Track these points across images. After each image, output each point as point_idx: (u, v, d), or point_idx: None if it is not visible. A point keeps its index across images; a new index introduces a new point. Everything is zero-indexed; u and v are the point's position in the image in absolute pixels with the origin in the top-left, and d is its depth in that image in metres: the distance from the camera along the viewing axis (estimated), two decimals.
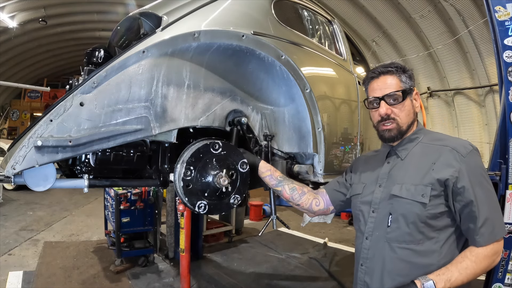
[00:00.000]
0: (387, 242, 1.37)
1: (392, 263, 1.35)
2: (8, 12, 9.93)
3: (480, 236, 1.27)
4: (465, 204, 1.28)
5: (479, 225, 1.26)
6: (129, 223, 4.82)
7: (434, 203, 1.31)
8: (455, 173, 1.29)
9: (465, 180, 1.28)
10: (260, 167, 1.75)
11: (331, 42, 2.76)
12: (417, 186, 1.33)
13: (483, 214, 1.27)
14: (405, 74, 1.46)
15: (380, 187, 1.44)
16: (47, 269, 4.74)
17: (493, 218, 1.29)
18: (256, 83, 1.92)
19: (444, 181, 1.30)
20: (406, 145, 1.46)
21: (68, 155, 1.35)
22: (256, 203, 8.38)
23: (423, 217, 1.31)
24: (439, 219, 1.32)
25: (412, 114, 1.46)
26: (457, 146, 1.35)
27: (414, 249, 1.32)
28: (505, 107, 2.78)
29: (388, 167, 1.47)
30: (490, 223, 1.27)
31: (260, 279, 4.85)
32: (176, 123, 1.60)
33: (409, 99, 1.45)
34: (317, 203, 1.72)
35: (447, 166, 1.32)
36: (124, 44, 2.05)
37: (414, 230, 1.32)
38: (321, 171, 2.18)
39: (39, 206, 8.41)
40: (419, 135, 1.47)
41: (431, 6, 7.33)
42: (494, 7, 2.81)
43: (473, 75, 7.65)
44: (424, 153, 1.40)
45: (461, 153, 1.32)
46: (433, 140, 1.43)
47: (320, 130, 2.10)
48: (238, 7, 1.86)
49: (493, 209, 1.31)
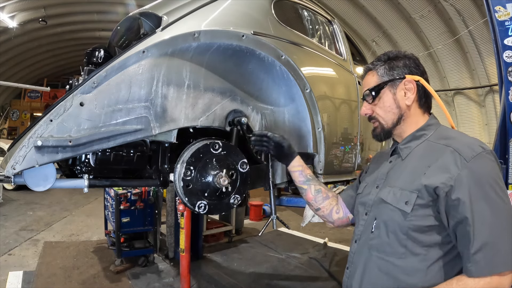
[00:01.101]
0: (368, 249, 1.23)
1: (371, 272, 1.20)
2: (8, 12, 9.93)
3: (473, 264, 1.00)
4: (459, 220, 1.04)
5: (473, 250, 1.00)
6: (129, 223, 4.82)
7: (419, 213, 1.10)
8: (449, 181, 1.05)
9: (463, 190, 1.03)
10: (294, 160, 1.60)
11: (331, 42, 2.76)
12: (404, 191, 1.15)
13: (481, 236, 1.00)
14: (386, 66, 1.29)
15: (376, 188, 1.29)
16: (47, 269, 4.74)
17: (497, 244, 1.00)
18: (256, 83, 1.92)
19: (434, 189, 1.08)
20: (410, 143, 1.26)
21: (68, 155, 1.35)
22: (256, 203, 8.38)
23: (405, 228, 1.12)
24: (427, 234, 1.10)
25: (395, 109, 1.27)
26: (461, 147, 1.10)
27: (394, 263, 1.14)
28: (505, 107, 2.78)
29: (388, 166, 1.31)
30: (489, 249, 0.99)
31: (260, 279, 4.85)
32: (176, 123, 1.60)
33: (389, 92, 1.27)
34: (337, 210, 1.55)
35: (442, 171, 1.08)
36: (124, 44, 2.05)
37: (394, 241, 1.14)
38: (321, 171, 2.18)
39: (39, 206, 8.41)
40: (428, 131, 1.24)
41: (431, 6, 7.33)
42: (494, 7, 2.81)
43: (473, 75, 7.66)
44: (425, 154, 1.19)
45: (464, 156, 1.07)
46: (440, 138, 1.19)
47: (320, 130, 2.10)
48: (238, 7, 1.86)
49: (499, 233, 1.01)
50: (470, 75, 7.73)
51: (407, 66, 1.28)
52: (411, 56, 1.31)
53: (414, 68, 1.28)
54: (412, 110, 1.27)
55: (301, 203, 8.39)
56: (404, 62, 1.29)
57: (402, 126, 1.28)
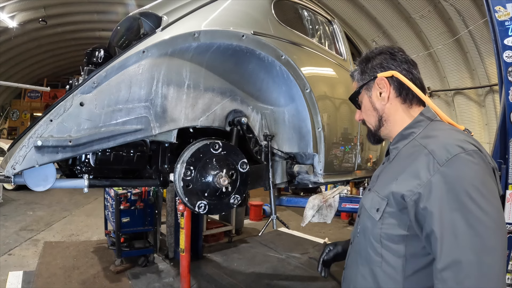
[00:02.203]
0: (355, 253, 1.19)
1: (357, 277, 1.15)
2: (8, 12, 9.93)
3: (440, 282, 0.88)
4: (428, 233, 0.92)
5: (439, 266, 0.88)
6: (129, 223, 4.82)
7: (388, 221, 1.02)
8: (417, 188, 0.94)
9: (432, 199, 0.91)
10: None
11: (331, 42, 2.76)
12: (377, 197, 1.08)
13: (450, 252, 0.87)
14: (359, 70, 1.24)
15: (369, 191, 1.22)
16: (47, 269, 4.74)
17: (471, 262, 0.84)
18: (256, 83, 1.92)
19: (401, 196, 0.98)
20: (397, 143, 1.15)
21: (68, 155, 1.35)
22: (256, 203, 8.38)
23: (377, 236, 1.05)
24: (399, 244, 1.00)
25: (373, 111, 1.21)
26: (436, 148, 0.96)
27: (373, 271, 1.07)
28: (505, 107, 2.78)
29: (380, 168, 1.24)
30: (461, 268, 0.85)
31: (260, 279, 4.85)
32: (176, 123, 1.60)
33: (366, 95, 1.22)
34: None
35: (412, 176, 0.97)
36: (124, 44, 2.05)
37: (370, 248, 1.07)
38: (321, 171, 2.18)
39: (39, 206, 8.40)
40: (416, 129, 1.11)
41: (431, 6, 7.33)
42: (494, 7, 2.81)
43: (473, 75, 7.65)
44: (406, 155, 1.07)
45: (437, 159, 0.93)
46: (424, 137, 1.07)
47: (320, 130, 2.10)
48: (238, 7, 1.86)
49: (475, 249, 0.85)
50: (470, 75, 7.73)
51: (379, 64, 1.19)
52: (386, 51, 1.21)
53: (387, 63, 1.18)
54: (393, 109, 1.17)
55: (301, 203, 8.39)
56: (376, 61, 1.20)
57: (387, 126, 1.19)
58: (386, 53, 1.20)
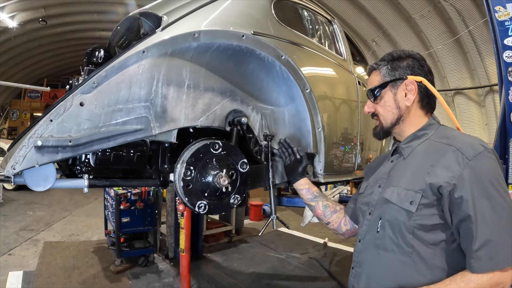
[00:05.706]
0: (375, 248, 1.24)
1: (378, 271, 1.22)
2: (8, 12, 9.93)
3: (476, 260, 1.03)
4: (462, 218, 1.06)
5: (475, 246, 1.03)
6: (129, 223, 4.82)
7: (424, 213, 1.12)
8: (452, 180, 1.08)
9: (466, 189, 1.06)
10: (303, 179, 1.73)
11: (331, 42, 2.76)
12: (408, 191, 1.16)
13: (483, 233, 1.03)
14: (389, 66, 1.31)
15: (379, 187, 1.30)
16: (47, 269, 4.74)
17: (498, 241, 1.03)
18: (256, 83, 1.92)
19: (438, 188, 1.10)
20: (411, 142, 1.27)
21: (68, 155, 1.34)
22: (256, 203, 8.38)
23: (410, 227, 1.14)
24: (432, 232, 1.12)
25: (395, 109, 1.29)
26: (463, 146, 1.12)
27: (402, 261, 1.16)
28: (505, 107, 2.78)
29: (389, 166, 1.32)
30: (492, 246, 1.02)
31: (260, 279, 4.85)
32: (176, 123, 1.59)
33: (391, 92, 1.29)
34: (345, 222, 1.60)
35: (445, 170, 1.11)
36: (124, 44, 2.05)
37: (401, 241, 1.16)
38: (321, 171, 2.18)
39: (39, 206, 8.41)
40: (429, 131, 1.26)
41: (431, 6, 7.34)
42: (494, 7, 2.81)
43: (473, 75, 7.66)
44: (427, 153, 1.21)
45: (466, 155, 1.10)
46: (442, 137, 1.21)
47: (320, 130, 2.10)
48: (238, 7, 1.86)
49: (501, 230, 1.04)
50: (470, 75, 7.74)
51: (410, 67, 1.29)
52: (415, 56, 1.32)
53: (417, 69, 1.29)
54: (412, 111, 1.29)
55: (301, 203, 8.39)
56: (407, 63, 1.30)
57: (402, 126, 1.30)
58: (418, 59, 1.32)
